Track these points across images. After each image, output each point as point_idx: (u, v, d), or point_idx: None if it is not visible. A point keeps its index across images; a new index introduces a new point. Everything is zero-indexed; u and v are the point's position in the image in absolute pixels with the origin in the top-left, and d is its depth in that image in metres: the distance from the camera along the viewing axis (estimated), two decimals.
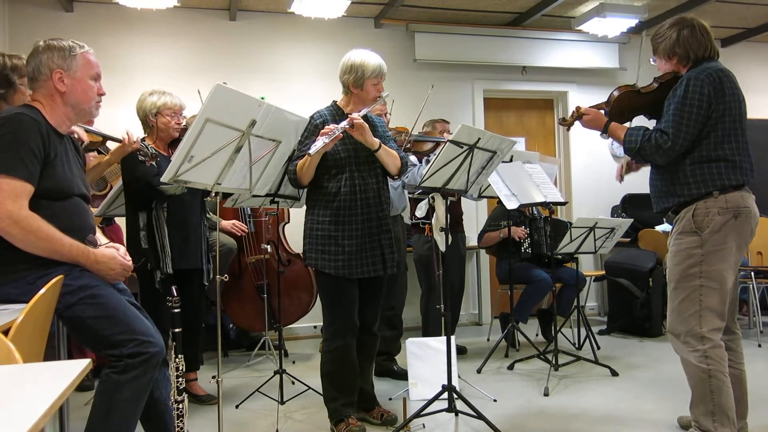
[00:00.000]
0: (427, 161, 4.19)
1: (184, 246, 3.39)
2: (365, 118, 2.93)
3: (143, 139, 3.43)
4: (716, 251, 2.57)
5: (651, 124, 2.81)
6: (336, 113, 3.03)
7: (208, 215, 4.00)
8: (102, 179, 3.50)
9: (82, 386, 3.67)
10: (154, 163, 3.16)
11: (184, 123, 3.51)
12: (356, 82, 2.96)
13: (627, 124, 2.87)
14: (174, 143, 3.50)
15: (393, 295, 3.94)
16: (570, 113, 2.94)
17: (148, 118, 3.43)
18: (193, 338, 3.57)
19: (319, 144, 2.72)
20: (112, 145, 3.15)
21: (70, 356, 2.74)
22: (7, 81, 2.55)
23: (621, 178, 3.10)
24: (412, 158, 4.23)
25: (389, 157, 2.97)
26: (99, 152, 3.24)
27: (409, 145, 4.04)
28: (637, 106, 2.85)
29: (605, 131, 2.83)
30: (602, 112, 2.89)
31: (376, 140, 2.91)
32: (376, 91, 2.98)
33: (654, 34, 2.84)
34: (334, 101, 3.11)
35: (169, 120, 3.41)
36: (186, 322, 3.49)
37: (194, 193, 3.38)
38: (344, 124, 2.80)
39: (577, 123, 2.94)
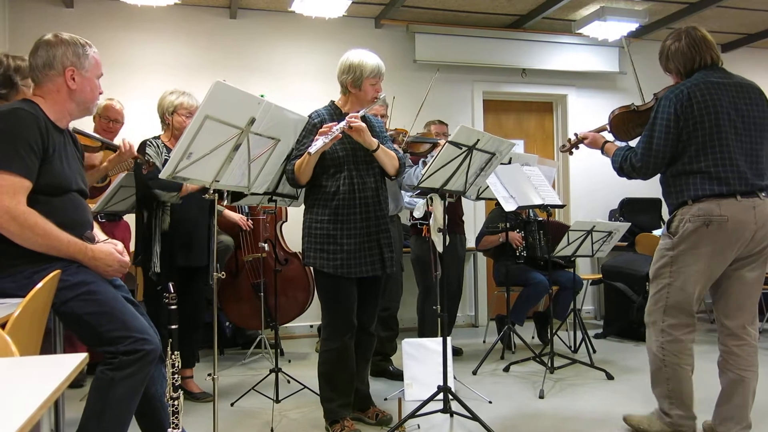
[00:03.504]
0: (424, 163, 4.19)
1: (191, 243, 3.46)
2: (363, 118, 2.93)
3: (158, 137, 3.53)
4: (685, 255, 2.73)
5: None
6: (334, 113, 3.04)
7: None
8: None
9: (74, 383, 3.66)
10: (146, 169, 3.20)
11: None
12: (354, 82, 2.96)
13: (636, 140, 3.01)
14: None
15: (388, 296, 3.94)
16: (568, 139, 3.30)
17: (165, 115, 3.54)
18: (192, 335, 3.60)
19: (318, 143, 2.72)
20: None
21: (66, 352, 2.73)
22: (10, 81, 2.56)
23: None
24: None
25: (387, 157, 2.97)
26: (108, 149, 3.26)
27: (405, 146, 4.03)
28: (642, 122, 2.95)
29: (602, 151, 3.09)
30: (603, 133, 3.16)
31: (375, 141, 2.91)
32: (374, 91, 2.98)
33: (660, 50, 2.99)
34: (332, 101, 3.11)
35: (183, 120, 3.49)
36: (186, 318, 3.53)
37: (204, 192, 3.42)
38: (343, 124, 2.80)
39: (582, 146, 3.26)
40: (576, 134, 3.23)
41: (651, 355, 2.87)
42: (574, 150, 3.33)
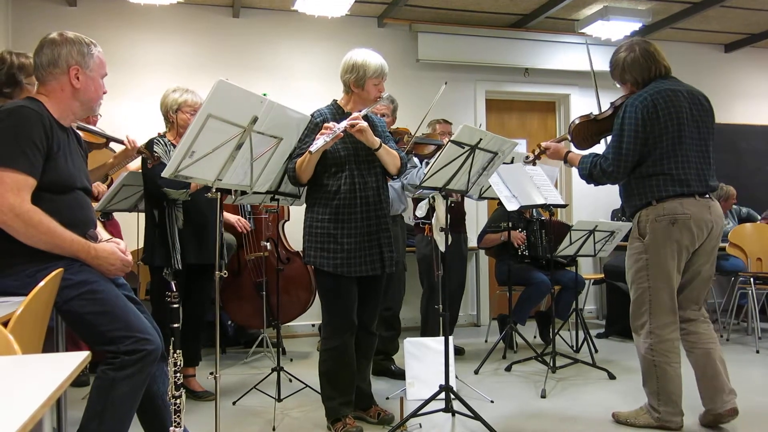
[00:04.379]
0: (427, 164, 4.18)
1: (201, 241, 3.47)
2: (365, 117, 2.93)
3: (164, 135, 3.50)
4: (658, 254, 2.91)
5: None
6: (336, 112, 3.04)
7: None
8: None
9: (78, 382, 3.67)
10: (151, 164, 3.22)
11: None
12: (357, 81, 2.96)
13: (597, 146, 3.26)
14: None
15: (390, 296, 3.93)
16: (532, 150, 3.38)
17: (168, 113, 3.52)
18: (197, 333, 3.61)
19: (320, 142, 2.72)
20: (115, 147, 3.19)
21: (68, 350, 2.73)
22: (14, 80, 2.55)
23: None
24: (414, 160, 4.22)
25: (389, 156, 2.97)
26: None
27: (410, 147, 4.03)
28: (600, 131, 3.17)
29: (565, 161, 3.21)
30: (564, 142, 3.31)
31: (377, 140, 2.91)
32: (377, 91, 2.99)
33: (610, 61, 3.15)
34: (334, 100, 3.11)
35: (188, 117, 3.48)
36: (192, 316, 3.54)
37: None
38: (345, 123, 2.80)
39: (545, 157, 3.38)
40: (539, 145, 3.35)
41: (640, 357, 3.04)
42: (537, 161, 3.48)
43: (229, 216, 4.41)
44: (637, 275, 2.98)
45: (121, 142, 3.10)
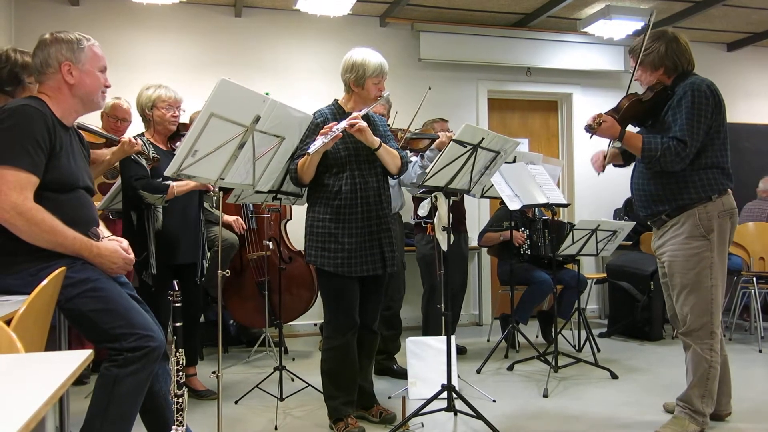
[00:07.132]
0: (422, 157, 4.17)
1: (183, 241, 3.42)
2: (366, 116, 2.93)
3: (142, 134, 3.46)
4: (721, 252, 2.82)
5: (634, 130, 3.00)
6: (337, 112, 3.04)
7: (210, 210, 4.01)
8: (114, 168, 3.50)
9: (79, 381, 3.67)
10: (150, 165, 3.18)
11: (181, 116, 3.52)
12: (357, 80, 2.96)
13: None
14: (173, 137, 3.51)
15: (390, 295, 3.93)
16: (593, 119, 2.87)
17: (144, 111, 3.44)
18: (192, 332, 3.59)
19: (318, 143, 2.73)
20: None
21: (71, 349, 2.74)
22: (16, 78, 2.54)
23: (603, 168, 3.12)
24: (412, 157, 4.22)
25: (389, 156, 2.97)
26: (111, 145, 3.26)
27: (405, 143, 4.03)
28: (634, 114, 2.96)
29: (620, 139, 2.87)
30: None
31: (377, 139, 2.91)
32: (377, 90, 2.99)
33: (635, 47, 2.97)
34: (335, 100, 3.12)
35: (164, 113, 3.41)
36: (185, 316, 3.51)
37: None
38: (344, 123, 2.80)
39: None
40: (601, 115, 2.87)
41: (697, 359, 2.85)
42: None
43: (227, 217, 4.41)
44: (702, 274, 2.80)
45: (120, 141, 3.10)
